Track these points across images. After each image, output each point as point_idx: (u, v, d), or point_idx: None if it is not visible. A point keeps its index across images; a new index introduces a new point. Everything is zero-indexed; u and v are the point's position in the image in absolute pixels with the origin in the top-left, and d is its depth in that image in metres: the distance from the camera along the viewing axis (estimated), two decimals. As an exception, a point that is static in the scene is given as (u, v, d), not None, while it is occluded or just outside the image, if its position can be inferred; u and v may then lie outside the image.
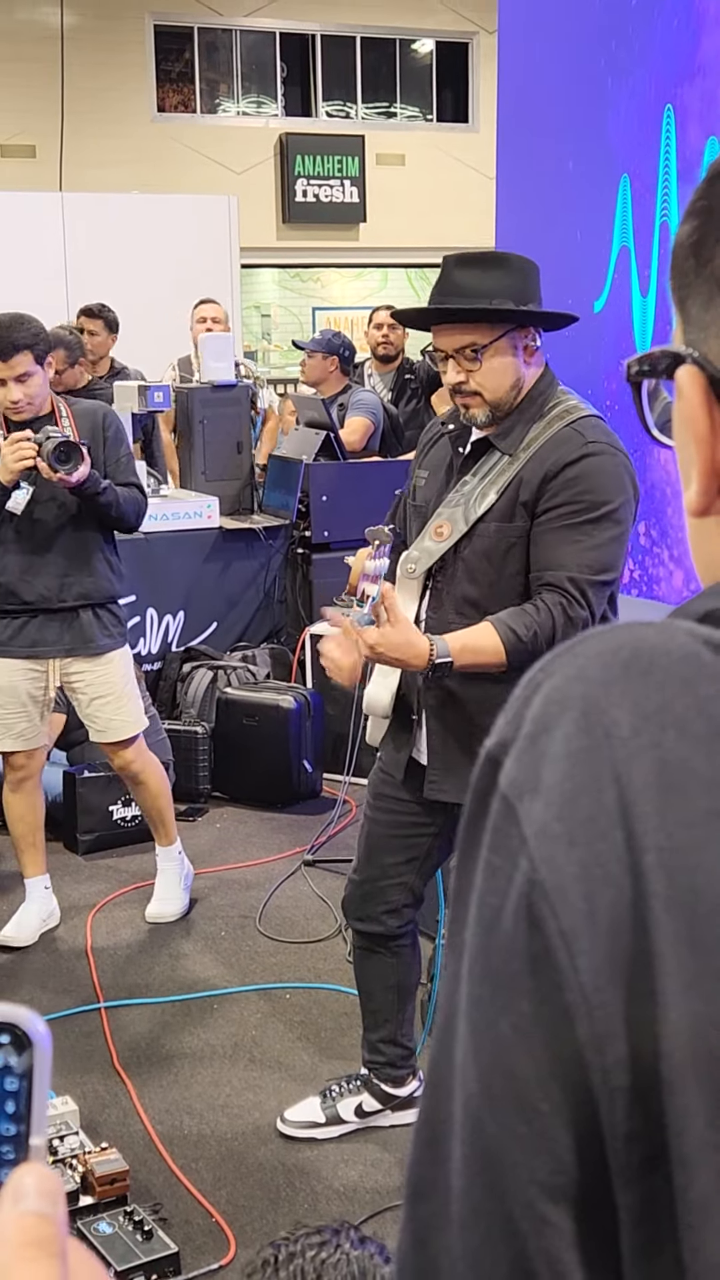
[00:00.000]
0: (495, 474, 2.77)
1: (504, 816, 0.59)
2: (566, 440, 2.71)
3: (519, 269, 2.75)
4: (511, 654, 2.60)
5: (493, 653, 2.61)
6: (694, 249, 0.68)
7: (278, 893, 4.71)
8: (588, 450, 2.69)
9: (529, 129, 4.91)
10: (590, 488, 2.67)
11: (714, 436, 0.68)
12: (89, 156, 13.62)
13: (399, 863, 3.07)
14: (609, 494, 2.68)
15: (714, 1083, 0.53)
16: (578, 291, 4.48)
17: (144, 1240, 2.78)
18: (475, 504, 2.77)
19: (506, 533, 2.73)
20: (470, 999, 0.60)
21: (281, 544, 6.39)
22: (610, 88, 4.34)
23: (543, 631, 2.60)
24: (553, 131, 4.70)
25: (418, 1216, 0.63)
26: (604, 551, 2.67)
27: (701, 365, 0.68)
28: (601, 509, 2.67)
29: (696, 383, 0.69)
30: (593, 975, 0.55)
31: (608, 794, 0.57)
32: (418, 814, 3.01)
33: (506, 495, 2.73)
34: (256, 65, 15.66)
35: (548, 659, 0.63)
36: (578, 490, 2.67)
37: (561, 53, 4.64)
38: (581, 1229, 0.56)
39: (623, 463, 2.72)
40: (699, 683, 0.58)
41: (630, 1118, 0.55)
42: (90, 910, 4.57)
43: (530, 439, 2.74)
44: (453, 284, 2.72)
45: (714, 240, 0.67)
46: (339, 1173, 3.16)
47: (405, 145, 15.82)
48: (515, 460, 2.74)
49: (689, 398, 0.69)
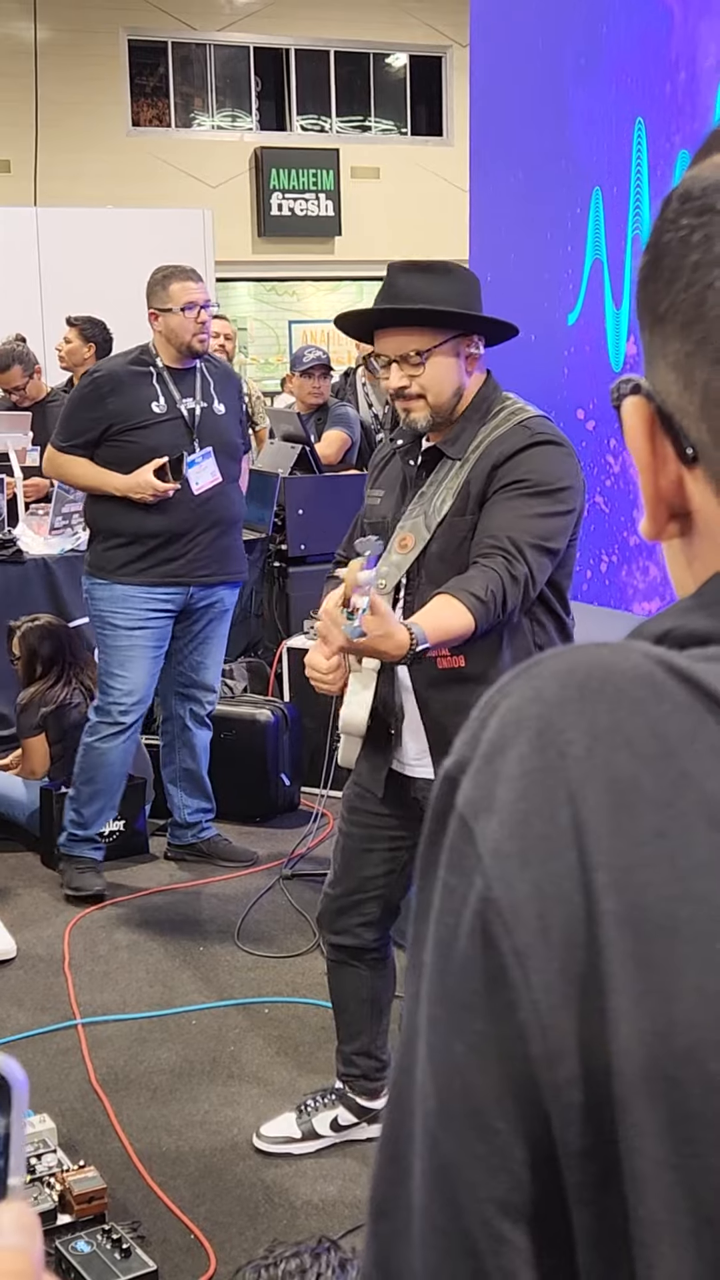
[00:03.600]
0: (449, 479, 2.81)
1: (460, 836, 0.60)
2: (513, 435, 2.76)
3: (463, 279, 2.81)
4: (479, 618, 2.60)
5: (461, 623, 2.60)
6: (642, 284, 0.71)
7: (256, 907, 4.71)
8: (534, 440, 2.74)
9: (501, 142, 4.93)
10: (535, 468, 2.71)
11: (657, 465, 0.70)
12: (64, 171, 13.64)
13: (376, 875, 3.07)
14: (554, 476, 2.72)
15: (665, 1101, 0.54)
16: (551, 304, 4.50)
17: (123, 1258, 2.76)
18: (434, 511, 2.80)
19: (459, 527, 2.77)
20: (428, 1019, 0.60)
21: (258, 557, 6.39)
22: (582, 101, 4.37)
23: (496, 590, 2.61)
24: (525, 144, 4.72)
25: (380, 1234, 0.63)
26: (545, 522, 2.70)
27: (649, 396, 0.70)
28: (544, 486, 2.70)
29: (638, 413, 0.70)
30: (545, 993, 0.56)
31: (561, 814, 0.57)
32: (394, 827, 3.01)
33: (460, 494, 2.77)
34: (231, 79, 15.70)
35: (505, 680, 0.63)
36: (524, 470, 2.71)
37: (533, 66, 4.66)
38: (539, 1247, 0.56)
39: (569, 453, 2.77)
40: (651, 703, 0.59)
41: (583, 1136, 0.55)
42: (67, 926, 4.56)
43: (479, 442, 2.78)
44: (398, 289, 2.76)
45: (655, 276, 0.69)
46: (317, 1188, 3.15)
47: (380, 158, 15.88)
48: (466, 463, 2.78)
49: (630, 427, 0.71)
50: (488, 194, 5.10)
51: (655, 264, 0.69)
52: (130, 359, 4.69)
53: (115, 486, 4.52)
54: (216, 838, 5.10)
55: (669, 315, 0.68)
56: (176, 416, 4.61)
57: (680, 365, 0.67)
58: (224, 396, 4.78)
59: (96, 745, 4.68)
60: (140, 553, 4.58)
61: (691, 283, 0.66)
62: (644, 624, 0.67)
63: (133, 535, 4.58)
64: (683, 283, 0.66)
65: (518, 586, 2.64)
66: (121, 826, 5.14)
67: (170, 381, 4.63)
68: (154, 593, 4.62)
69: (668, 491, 0.70)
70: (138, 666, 4.64)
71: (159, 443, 4.52)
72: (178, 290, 4.56)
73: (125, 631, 4.61)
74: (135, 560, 4.59)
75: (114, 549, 4.61)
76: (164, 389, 4.61)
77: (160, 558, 4.59)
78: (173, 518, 4.57)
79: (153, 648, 4.68)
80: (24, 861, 5.01)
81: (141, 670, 4.65)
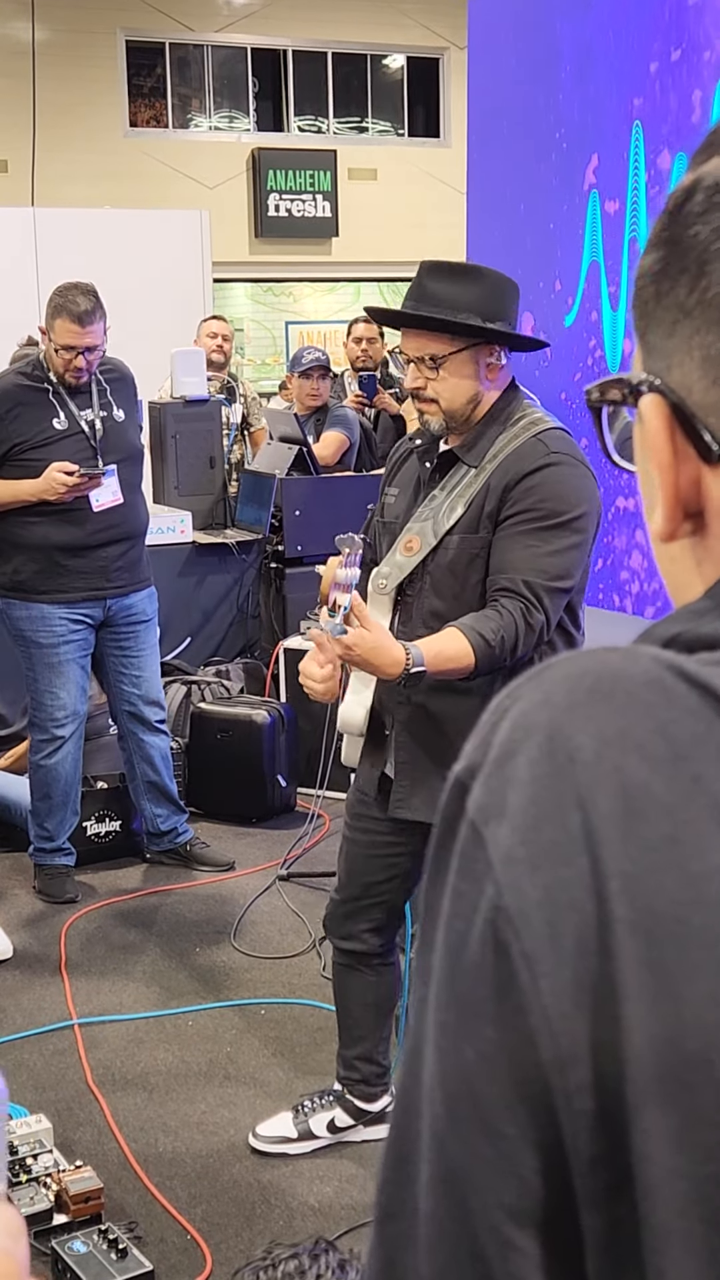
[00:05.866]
0: (463, 487, 2.78)
1: (471, 842, 0.60)
2: (530, 451, 2.72)
3: (494, 285, 2.75)
4: (481, 659, 2.60)
5: (463, 659, 2.61)
6: (655, 279, 0.69)
7: (252, 908, 4.70)
8: (549, 460, 2.70)
9: (499, 144, 4.93)
10: (549, 496, 2.68)
11: (677, 464, 0.69)
12: (61, 172, 13.61)
13: (380, 881, 3.06)
14: (568, 504, 2.69)
15: (677, 1107, 0.54)
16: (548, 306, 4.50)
17: (119, 1259, 2.76)
18: (444, 517, 2.78)
19: (470, 544, 2.75)
20: (437, 1024, 0.60)
21: (255, 559, 6.39)
22: (579, 104, 4.37)
23: (508, 636, 2.61)
24: (522, 146, 4.73)
25: (387, 1237, 0.63)
26: (561, 559, 2.68)
27: (664, 394, 0.69)
28: (560, 517, 2.68)
29: (659, 411, 0.69)
30: (556, 999, 0.56)
31: (572, 819, 0.57)
32: (394, 833, 3.00)
33: (473, 507, 2.75)
34: (228, 80, 15.68)
35: (515, 685, 0.63)
36: (537, 498, 2.68)
37: (531, 69, 4.66)
38: (547, 1253, 0.56)
39: (585, 474, 2.74)
40: (661, 707, 0.59)
41: (594, 1142, 0.55)
42: (63, 927, 4.56)
43: (495, 451, 2.75)
44: (423, 290, 2.73)
45: (678, 271, 0.68)
46: (314, 1189, 3.15)
47: (377, 160, 15.86)
48: (481, 472, 2.75)
49: (652, 426, 0.70)
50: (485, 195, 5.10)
51: (678, 258, 0.68)
52: (24, 376, 4.62)
53: (29, 492, 4.49)
54: (194, 842, 5.11)
55: (698, 309, 0.67)
56: (78, 431, 4.59)
57: (713, 360, 0.66)
58: (121, 401, 4.74)
59: (43, 763, 4.71)
60: (51, 568, 4.58)
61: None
62: (652, 627, 0.67)
63: (38, 547, 4.57)
64: (718, 275, 0.66)
65: (533, 634, 2.64)
66: (117, 827, 5.14)
67: (66, 395, 4.59)
68: (73, 609, 4.62)
69: (686, 490, 0.69)
70: (67, 680, 4.66)
71: (63, 459, 4.50)
72: (60, 330, 4.47)
73: (50, 649, 4.63)
74: (49, 578, 4.59)
75: (24, 564, 4.60)
76: (61, 404, 4.58)
77: (72, 572, 4.59)
78: (79, 529, 4.57)
79: (79, 659, 4.70)
80: (20, 862, 5.00)
81: (71, 683, 4.67)
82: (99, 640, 4.75)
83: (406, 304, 2.77)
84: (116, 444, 4.67)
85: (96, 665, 4.81)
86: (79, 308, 4.43)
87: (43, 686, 4.66)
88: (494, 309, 2.72)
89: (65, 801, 4.77)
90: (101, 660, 4.80)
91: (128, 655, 4.81)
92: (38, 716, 4.69)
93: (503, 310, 2.74)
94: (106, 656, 4.79)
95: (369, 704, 2.89)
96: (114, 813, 5.14)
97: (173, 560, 6.21)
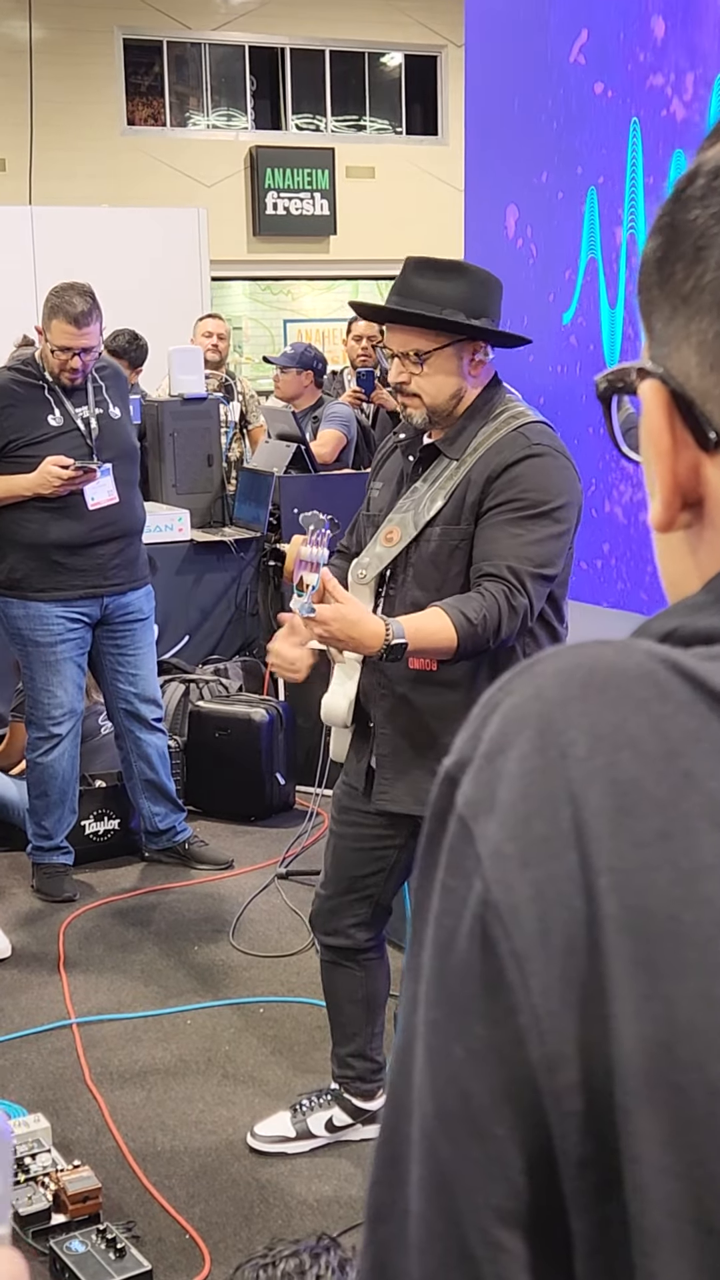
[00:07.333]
0: (444, 479, 2.79)
1: (460, 837, 0.59)
2: (511, 443, 2.73)
3: (478, 281, 2.76)
4: (463, 639, 2.59)
5: (445, 637, 2.60)
6: (658, 265, 0.69)
7: (251, 906, 4.70)
8: (531, 451, 2.71)
9: (496, 142, 4.92)
10: (531, 486, 2.69)
11: (676, 451, 0.68)
12: (58, 170, 13.60)
13: (365, 875, 3.06)
14: (550, 493, 2.70)
15: (668, 1108, 0.53)
16: (546, 303, 4.49)
17: (117, 1258, 2.76)
18: (425, 509, 2.78)
19: (451, 535, 2.75)
20: (427, 1022, 0.59)
21: (253, 556, 6.38)
22: (577, 101, 4.36)
23: (490, 617, 2.60)
24: (520, 144, 4.72)
25: (377, 1239, 0.62)
26: (544, 547, 2.68)
27: (664, 380, 0.68)
28: (542, 506, 2.68)
29: (659, 397, 0.69)
30: (545, 998, 0.55)
31: (562, 814, 0.56)
32: (382, 826, 3.00)
33: (454, 498, 2.75)
34: (226, 78, 15.67)
35: (506, 678, 0.62)
36: (520, 489, 2.69)
37: (528, 66, 4.65)
38: (536, 1254, 0.55)
39: (566, 465, 2.75)
40: (654, 702, 0.58)
41: (583, 1143, 0.54)
42: (61, 925, 4.55)
43: (477, 444, 2.76)
44: (409, 286, 2.74)
45: (676, 256, 0.67)
46: (313, 1187, 3.14)
47: (375, 158, 15.85)
48: (463, 464, 2.76)
49: (651, 412, 0.69)
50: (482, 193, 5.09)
51: (676, 243, 0.67)
52: (19, 373, 4.62)
53: (23, 486, 4.49)
54: (192, 840, 5.10)
55: (694, 295, 0.66)
56: (73, 428, 4.59)
57: (708, 345, 0.66)
58: (117, 399, 4.74)
59: (39, 761, 4.71)
60: (48, 566, 4.58)
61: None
62: (648, 622, 0.66)
63: (35, 545, 4.57)
64: (715, 260, 0.65)
65: (516, 617, 2.63)
66: (115, 826, 5.14)
67: (62, 393, 4.59)
68: (70, 608, 4.62)
69: (684, 479, 0.69)
70: (65, 679, 4.66)
71: (59, 455, 4.49)
72: (57, 330, 4.47)
73: (48, 648, 4.63)
74: (46, 576, 4.59)
75: (21, 562, 4.60)
76: (57, 401, 4.58)
77: (70, 570, 4.59)
78: (75, 526, 4.57)
79: (76, 657, 4.70)
80: (18, 861, 4.99)
81: (69, 681, 4.68)
82: (95, 638, 4.74)
83: (391, 299, 2.77)
84: (112, 441, 4.67)
85: (93, 663, 4.81)
86: (76, 309, 4.43)
87: (40, 685, 4.65)
88: (478, 305, 2.73)
89: (63, 800, 4.76)
90: (98, 658, 4.80)
91: (124, 654, 4.80)
92: (35, 715, 4.69)
93: (487, 307, 2.75)
94: (103, 655, 4.79)
95: (353, 695, 2.89)
96: (112, 811, 5.14)
97: (171, 558, 6.20)
